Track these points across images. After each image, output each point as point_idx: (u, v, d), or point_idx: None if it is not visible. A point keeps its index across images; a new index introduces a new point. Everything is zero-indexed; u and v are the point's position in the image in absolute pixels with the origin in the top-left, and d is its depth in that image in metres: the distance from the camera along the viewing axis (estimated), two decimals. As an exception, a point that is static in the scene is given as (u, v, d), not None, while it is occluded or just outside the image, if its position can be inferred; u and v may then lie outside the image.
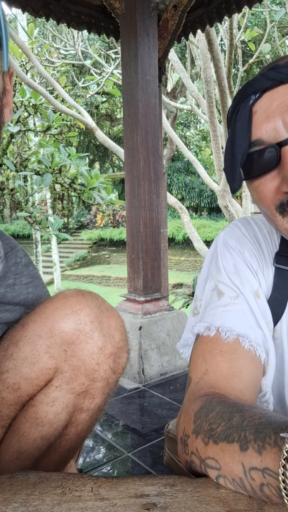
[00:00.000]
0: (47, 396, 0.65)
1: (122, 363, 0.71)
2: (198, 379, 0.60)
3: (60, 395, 0.65)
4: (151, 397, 1.97)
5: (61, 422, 0.66)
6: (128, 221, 2.37)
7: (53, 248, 11.25)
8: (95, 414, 0.72)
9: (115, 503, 0.41)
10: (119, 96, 10.56)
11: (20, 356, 0.64)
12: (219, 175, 4.71)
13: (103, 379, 0.68)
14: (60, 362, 0.65)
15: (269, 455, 0.39)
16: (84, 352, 0.65)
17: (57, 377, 0.66)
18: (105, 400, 0.72)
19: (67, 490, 0.43)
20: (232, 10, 2.39)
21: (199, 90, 5.95)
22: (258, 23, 11.09)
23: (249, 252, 0.68)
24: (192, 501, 0.41)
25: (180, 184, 16.58)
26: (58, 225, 3.54)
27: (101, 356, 0.67)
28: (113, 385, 0.72)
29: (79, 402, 0.68)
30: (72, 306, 0.66)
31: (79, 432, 0.70)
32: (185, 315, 2.44)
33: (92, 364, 0.66)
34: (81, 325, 0.65)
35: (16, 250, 0.73)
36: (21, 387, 0.64)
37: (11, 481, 0.45)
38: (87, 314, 0.66)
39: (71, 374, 0.66)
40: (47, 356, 0.64)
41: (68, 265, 15.00)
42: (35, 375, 0.64)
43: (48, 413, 0.64)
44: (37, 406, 0.65)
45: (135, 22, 2.16)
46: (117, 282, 12.73)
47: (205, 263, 0.73)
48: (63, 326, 0.65)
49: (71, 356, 0.65)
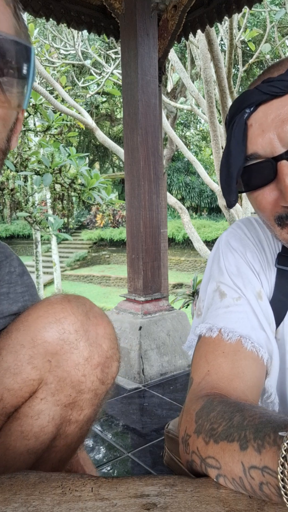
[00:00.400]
0: (32, 409, 0.62)
1: (111, 372, 0.68)
2: (200, 379, 0.60)
3: (46, 407, 0.63)
4: (151, 397, 1.97)
5: (48, 435, 0.63)
6: (128, 221, 2.37)
7: (53, 248, 11.25)
8: (85, 425, 0.69)
9: (115, 503, 0.41)
10: (119, 96, 10.56)
11: (3, 366, 0.61)
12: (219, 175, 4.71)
13: (90, 391, 0.65)
14: (44, 373, 0.62)
15: (268, 453, 0.39)
16: (69, 363, 0.62)
17: (42, 388, 0.63)
18: (96, 411, 0.69)
19: (67, 490, 0.43)
20: (232, 10, 2.39)
21: (199, 90, 5.95)
22: (258, 23, 11.09)
23: (251, 253, 0.68)
24: (192, 501, 0.41)
25: (180, 184, 16.58)
26: (58, 225, 3.54)
27: (87, 367, 0.64)
28: (103, 395, 0.69)
29: (66, 414, 0.65)
30: (56, 314, 0.63)
31: (69, 443, 0.67)
32: (185, 315, 2.44)
33: (78, 375, 0.63)
34: (65, 335, 0.62)
35: (11, 259, 0.71)
36: (4, 398, 0.61)
37: (11, 481, 0.45)
38: (71, 322, 0.63)
39: (57, 385, 0.63)
40: (30, 366, 0.61)
41: (68, 265, 15.01)
42: (18, 386, 0.61)
43: (33, 426, 0.62)
44: (21, 419, 0.62)
45: (135, 22, 2.16)
46: (117, 282, 12.74)
47: (207, 264, 0.74)
48: (45, 336, 0.61)
49: (56, 367, 0.62)
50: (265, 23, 5.76)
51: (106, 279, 13.16)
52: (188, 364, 2.33)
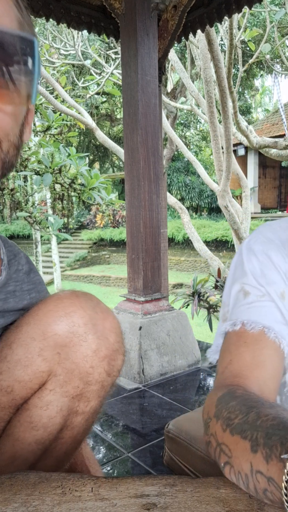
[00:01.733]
0: (41, 399, 0.64)
1: (117, 365, 0.70)
2: (223, 369, 0.62)
3: (54, 398, 0.65)
4: (151, 397, 1.97)
5: (56, 426, 0.65)
6: (128, 221, 2.37)
7: (53, 248, 11.25)
8: (91, 417, 0.71)
9: (115, 503, 0.41)
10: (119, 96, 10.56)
11: (14, 358, 0.63)
12: (219, 175, 4.71)
13: (98, 382, 0.67)
14: (54, 365, 0.64)
15: (274, 467, 0.39)
16: (77, 355, 0.65)
17: (51, 380, 0.65)
18: (101, 403, 0.72)
19: (67, 490, 0.43)
20: (232, 10, 2.39)
21: (199, 90, 5.95)
22: (258, 23, 11.09)
23: (275, 254, 0.68)
24: (192, 501, 0.41)
25: (180, 184, 16.58)
26: (58, 225, 3.54)
27: (95, 359, 0.66)
28: (109, 387, 0.71)
29: (74, 406, 0.67)
30: (66, 308, 0.65)
31: (75, 435, 0.69)
32: (185, 315, 2.44)
33: (86, 367, 0.65)
34: (74, 328, 0.64)
35: (19, 257, 0.73)
36: (15, 390, 0.63)
37: (11, 481, 0.45)
38: (80, 316, 0.65)
39: (65, 377, 0.65)
40: (40, 359, 0.63)
41: (68, 265, 15.00)
42: (29, 378, 0.63)
43: (42, 417, 0.64)
44: (31, 410, 0.64)
45: (135, 22, 2.16)
46: (117, 282, 12.73)
47: (230, 271, 0.74)
48: (56, 329, 0.64)
49: (65, 359, 0.64)
50: (265, 23, 5.76)
51: (106, 279, 13.16)
52: (188, 364, 2.33)
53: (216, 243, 12.73)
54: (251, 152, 15.06)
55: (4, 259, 0.67)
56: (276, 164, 16.05)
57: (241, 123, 5.12)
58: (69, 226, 15.87)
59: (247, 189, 5.55)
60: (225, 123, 4.28)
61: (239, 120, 5.06)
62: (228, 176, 4.55)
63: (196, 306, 3.42)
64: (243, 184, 5.61)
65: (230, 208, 4.64)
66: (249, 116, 19.41)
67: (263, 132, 13.35)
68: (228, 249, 12.18)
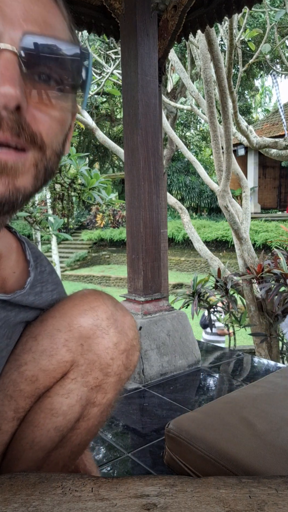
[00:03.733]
0: (63, 388, 0.68)
1: (134, 360, 0.75)
2: None
3: (75, 387, 0.68)
4: (151, 397, 1.97)
5: (74, 415, 0.68)
6: (128, 221, 2.37)
7: (53, 248, 11.25)
8: (106, 409, 0.74)
9: (115, 503, 0.41)
10: (119, 96, 10.55)
11: (39, 349, 0.67)
12: (219, 175, 4.71)
13: (116, 374, 0.71)
14: (77, 355, 0.68)
15: None
16: (100, 346, 0.68)
17: (73, 370, 0.68)
18: (116, 396, 0.75)
19: (67, 490, 0.43)
20: (232, 10, 2.39)
21: (199, 90, 5.95)
22: (258, 25, 11.09)
23: None
24: (192, 501, 0.41)
25: (180, 184, 16.58)
26: (58, 225, 3.54)
27: (115, 351, 0.70)
28: (125, 381, 0.75)
29: (92, 396, 0.70)
30: (90, 303, 0.70)
31: (90, 427, 0.72)
32: (185, 315, 2.44)
33: (107, 358, 0.69)
34: (98, 321, 0.68)
35: (41, 259, 0.76)
36: (39, 379, 0.67)
37: (11, 481, 0.45)
38: (104, 311, 0.69)
39: (87, 367, 0.68)
40: (65, 349, 0.67)
41: (68, 265, 15.00)
42: (53, 367, 0.67)
43: (63, 404, 0.67)
44: (52, 397, 0.67)
45: (135, 23, 2.16)
46: (117, 282, 12.73)
47: None
48: (81, 321, 0.68)
49: (87, 350, 0.68)
50: (265, 24, 5.76)
51: (106, 279, 13.16)
52: (188, 365, 2.33)
53: (216, 243, 12.73)
54: (251, 152, 15.06)
55: (31, 260, 0.70)
56: (276, 164, 16.05)
57: (241, 123, 5.12)
58: (69, 226, 15.87)
59: (247, 189, 5.55)
60: (225, 123, 4.28)
61: (239, 120, 5.06)
62: (228, 176, 4.55)
63: (196, 306, 3.42)
64: (243, 184, 5.61)
65: (230, 208, 4.64)
66: (249, 116, 19.42)
67: (263, 132, 13.35)
68: (228, 249, 12.18)
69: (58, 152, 0.53)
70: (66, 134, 0.56)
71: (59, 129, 0.51)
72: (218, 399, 1.23)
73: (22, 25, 0.45)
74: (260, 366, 2.45)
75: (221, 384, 2.18)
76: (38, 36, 0.45)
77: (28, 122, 0.46)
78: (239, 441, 0.95)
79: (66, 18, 0.52)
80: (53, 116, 0.49)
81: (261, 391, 1.22)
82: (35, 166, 0.49)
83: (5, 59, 0.43)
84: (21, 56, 0.44)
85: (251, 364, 2.47)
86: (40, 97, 0.47)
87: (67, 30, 0.51)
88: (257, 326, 4.09)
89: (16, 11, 0.45)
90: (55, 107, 0.49)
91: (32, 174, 0.49)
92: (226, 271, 4.28)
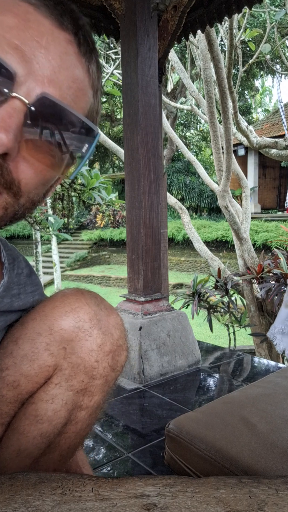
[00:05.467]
0: (47, 393, 0.66)
1: (121, 361, 0.72)
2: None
3: (60, 392, 0.66)
4: (151, 398, 1.97)
5: (61, 420, 0.66)
6: (128, 222, 2.37)
7: (53, 248, 11.25)
8: (94, 412, 0.72)
9: (115, 503, 0.41)
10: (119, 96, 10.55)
11: (20, 353, 0.65)
12: (219, 175, 4.71)
13: (102, 377, 0.69)
14: (60, 359, 0.66)
15: None
16: (83, 349, 0.66)
17: (57, 374, 0.66)
18: (104, 398, 0.73)
19: (67, 491, 0.43)
20: (232, 11, 2.39)
21: (199, 90, 5.95)
22: (258, 25, 11.09)
23: None
24: (192, 501, 0.41)
25: (180, 184, 16.57)
26: (58, 225, 3.54)
27: (100, 353, 0.67)
28: (112, 383, 0.73)
29: (78, 400, 0.68)
30: (71, 304, 0.67)
31: (78, 430, 0.70)
32: (185, 316, 2.44)
33: (91, 361, 0.67)
34: (80, 323, 0.66)
35: (18, 261, 0.74)
36: (21, 385, 0.64)
37: (11, 481, 0.45)
38: (86, 312, 0.67)
39: (70, 371, 0.66)
40: (46, 353, 0.65)
41: (68, 265, 15.00)
42: (35, 373, 0.65)
43: (48, 410, 0.65)
44: (36, 404, 0.65)
45: (135, 23, 2.16)
46: (117, 282, 12.73)
47: None
48: (62, 324, 0.65)
49: (70, 354, 0.66)
50: (265, 24, 5.76)
51: (106, 279, 13.16)
52: (188, 365, 2.33)
53: (216, 243, 12.73)
54: (251, 152, 15.06)
55: (5, 262, 0.68)
56: (276, 164, 16.05)
57: (241, 123, 5.12)
58: (69, 226, 15.87)
59: (247, 189, 5.55)
60: (225, 123, 4.29)
61: (239, 120, 5.06)
62: (228, 176, 4.55)
63: (196, 307, 3.42)
64: (243, 184, 5.61)
65: (230, 208, 4.64)
66: (249, 116, 19.42)
67: (263, 132, 13.35)
68: (228, 249, 12.18)
69: (36, 201, 0.54)
70: (49, 188, 0.57)
71: (41, 183, 0.52)
72: (218, 399, 1.23)
73: (44, 85, 0.46)
74: (260, 366, 2.45)
75: (221, 384, 2.18)
76: (55, 100, 0.46)
77: (10, 169, 0.47)
78: (239, 441, 0.95)
79: (95, 85, 0.53)
80: (39, 171, 0.50)
81: (261, 391, 1.22)
82: (3, 208, 0.50)
83: (12, 107, 0.44)
84: (31, 110, 0.45)
85: (251, 364, 2.47)
86: (34, 152, 0.48)
87: (89, 97, 0.52)
88: (257, 326, 4.09)
89: (44, 69, 0.46)
90: (45, 165, 0.50)
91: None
92: (226, 271, 4.28)
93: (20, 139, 0.46)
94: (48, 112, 0.46)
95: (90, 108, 0.53)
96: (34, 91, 0.45)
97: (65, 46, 0.48)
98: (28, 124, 0.46)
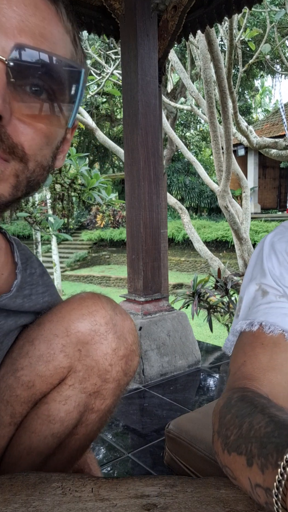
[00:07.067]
0: (60, 394, 0.66)
1: (133, 365, 0.73)
2: (235, 370, 0.60)
3: (73, 393, 0.67)
4: (151, 398, 1.97)
5: (72, 421, 0.67)
6: (128, 222, 2.37)
7: (53, 248, 11.25)
8: (105, 415, 0.73)
9: (115, 503, 0.41)
10: (119, 96, 10.56)
11: (36, 354, 0.66)
12: (219, 176, 4.71)
13: (115, 380, 0.69)
14: (74, 361, 0.66)
15: (270, 475, 0.37)
16: (98, 352, 0.67)
17: (71, 376, 0.67)
18: (115, 402, 0.73)
19: (67, 491, 0.43)
20: (232, 11, 2.39)
21: (199, 90, 5.95)
22: (258, 24, 11.09)
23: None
24: (192, 501, 0.41)
25: (180, 184, 16.57)
26: (58, 225, 3.54)
27: (114, 357, 0.68)
28: (124, 387, 0.73)
29: (90, 402, 0.69)
30: (89, 307, 0.68)
31: (88, 432, 0.71)
32: (185, 316, 2.44)
33: (105, 364, 0.67)
34: (96, 326, 0.67)
35: (31, 261, 0.74)
36: (35, 385, 0.65)
37: (11, 481, 0.45)
38: (102, 315, 0.67)
39: (84, 373, 0.67)
40: (62, 354, 0.65)
41: (68, 265, 15.00)
42: (50, 373, 0.65)
43: (60, 411, 0.66)
44: (49, 404, 0.66)
45: (135, 23, 2.16)
46: (117, 282, 12.73)
47: (249, 265, 0.72)
48: (79, 326, 0.66)
49: (85, 356, 0.67)
50: (265, 23, 5.76)
51: (106, 280, 13.15)
52: (188, 365, 2.33)
53: (216, 243, 12.73)
54: (251, 153, 15.06)
55: (19, 263, 0.68)
56: (276, 165, 16.05)
57: (241, 124, 5.12)
58: (69, 226, 15.87)
59: (247, 189, 5.55)
60: (225, 124, 4.29)
61: (239, 121, 5.07)
62: (228, 176, 4.55)
63: (196, 307, 3.42)
64: (243, 184, 5.61)
65: (230, 208, 4.64)
66: (249, 116, 19.42)
67: (263, 133, 13.35)
68: (228, 249, 12.18)
69: (45, 165, 0.52)
70: (58, 147, 0.55)
71: (45, 142, 0.51)
72: (218, 399, 1.23)
73: (15, 36, 0.44)
74: (260, 366, 2.45)
75: (221, 384, 2.18)
76: (31, 48, 0.45)
77: (9, 133, 0.46)
78: (239, 441, 0.95)
79: (70, 31, 0.51)
80: (38, 129, 0.49)
81: (261, 391, 1.22)
82: (15, 176, 0.49)
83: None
84: (10, 66, 0.43)
85: (251, 364, 2.47)
86: (26, 109, 0.46)
87: (67, 44, 0.51)
88: (257, 326, 4.08)
89: (11, 21, 0.44)
90: (41, 120, 0.48)
91: (12, 183, 0.49)
92: (226, 271, 4.28)
93: (9, 100, 0.45)
94: (28, 63, 0.45)
95: (71, 56, 0.51)
96: (7, 46, 0.43)
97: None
98: (12, 82, 0.44)
